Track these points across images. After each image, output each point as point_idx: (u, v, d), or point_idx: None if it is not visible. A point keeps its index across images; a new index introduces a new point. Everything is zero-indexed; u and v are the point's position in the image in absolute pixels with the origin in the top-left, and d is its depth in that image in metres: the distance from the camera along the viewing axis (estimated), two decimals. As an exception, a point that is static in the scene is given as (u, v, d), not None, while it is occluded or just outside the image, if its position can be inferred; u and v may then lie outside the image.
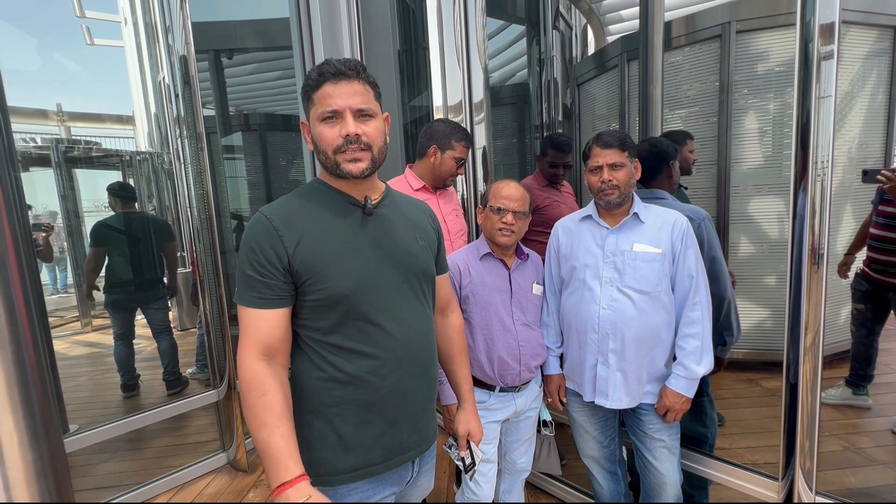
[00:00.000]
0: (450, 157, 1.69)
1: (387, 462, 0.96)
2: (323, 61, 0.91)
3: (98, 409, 2.34)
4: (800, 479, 1.39)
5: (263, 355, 0.89)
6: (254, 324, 0.88)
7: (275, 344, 0.90)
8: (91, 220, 2.51)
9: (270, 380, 0.87)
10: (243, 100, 3.58)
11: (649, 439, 1.47)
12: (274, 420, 0.84)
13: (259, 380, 0.86)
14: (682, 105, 1.99)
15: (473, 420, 1.22)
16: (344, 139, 0.89)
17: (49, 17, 2.53)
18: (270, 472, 0.83)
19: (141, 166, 2.75)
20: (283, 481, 0.81)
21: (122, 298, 2.52)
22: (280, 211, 0.92)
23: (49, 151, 2.52)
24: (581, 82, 2.56)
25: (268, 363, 0.89)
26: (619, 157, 1.37)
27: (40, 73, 2.56)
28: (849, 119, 1.59)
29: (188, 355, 2.68)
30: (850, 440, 1.67)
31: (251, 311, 0.89)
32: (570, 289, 1.51)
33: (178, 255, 2.68)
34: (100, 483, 2.22)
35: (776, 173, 1.84)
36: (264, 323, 0.88)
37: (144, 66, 2.50)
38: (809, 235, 1.28)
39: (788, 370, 1.40)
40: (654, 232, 1.39)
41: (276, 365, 0.90)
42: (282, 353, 0.92)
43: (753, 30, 1.82)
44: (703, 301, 1.38)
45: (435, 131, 1.71)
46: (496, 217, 1.43)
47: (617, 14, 2.45)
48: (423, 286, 1.03)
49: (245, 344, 0.89)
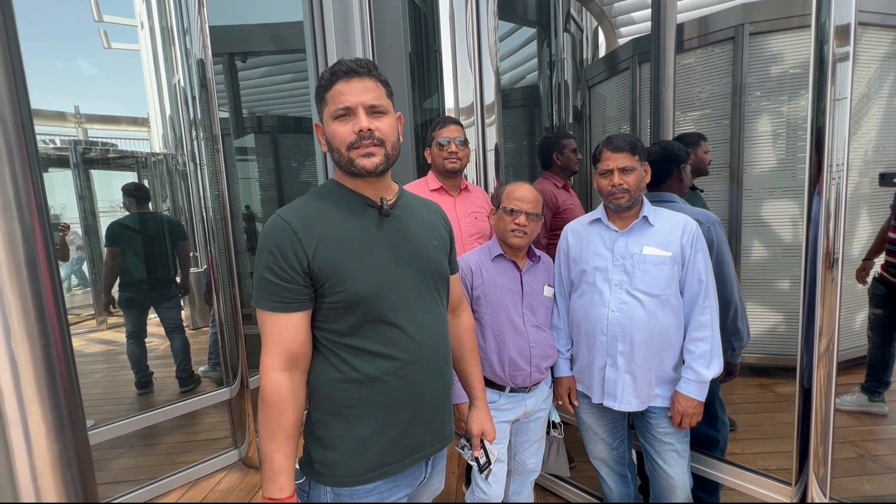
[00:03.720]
0: (434, 147, 1.78)
1: (403, 461, 0.97)
2: (335, 62, 0.92)
3: (113, 405, 2.39)
4: (813, 484, 1.37)
5: (287, 363, 0.89)
6: (277, 329, 0.89)
7: (298, 350, 0.90)
8: (106, 220, 2.57)
9: (290, 397, 0.89)
10: (256, 102, 3.64)
11: (658, 442, 1.46)
12: (283, 439, 0.88)
13: (280, 397, 0.88)
14: (694, 107, 1.98)
15: (486, 419, 1.22)
16: (357, 135, 0.89)
17: (68, 21, 2.59)
18: (265, 483, 0.89)
19: (156, 168, 2.80)
20: (274, 498, 0.88)
21: (135, 297, 2.57)
22: (297, 213, 0.91)
23: (67, 153, 2.58)
24: (592, 84, 2.56)
25: (290, 374, 0.90)
26: (629, 160, 1.37)
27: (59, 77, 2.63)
28: (865, 122, 1.57)
29: (200, 354, 2.72)
30: (866, 447, 1.64)
31: (272, 316, 0.88)
32: (579, 291, 1.51)
33: (191, 254, 2.73)
34: (115, 478, 2.26)
35: (790, 176, 1.82)
36: (286, 328, 0.88)
37: (160, 69, 2.55)
38: (824, 239, 1.27)
39: (802, 375, 1.39)
40: (664, 235, 1.39)
41: (298, 374, 0.92)
42: (304, 359, 0.93)
43: (767, 31, 1.81)
44: (713, 305, 1.37)
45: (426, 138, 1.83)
46: (509, 218, 1.44)
47: (628, 16, 2.44)
48: (438, 287, 1.03)
49: (269, 352, 0.89)
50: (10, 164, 0.80)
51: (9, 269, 0.80)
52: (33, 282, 0.77)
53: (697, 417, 1.39)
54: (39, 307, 0.78)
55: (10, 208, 0.80)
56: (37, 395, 0.78)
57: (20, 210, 0.81)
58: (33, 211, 0.79)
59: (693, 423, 1.40)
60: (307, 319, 0.92)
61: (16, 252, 0.80)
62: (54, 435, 0.80)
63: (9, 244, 0.80)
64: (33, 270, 0.77)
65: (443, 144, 1.74)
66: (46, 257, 0.79)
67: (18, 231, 0.81)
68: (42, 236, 0.80)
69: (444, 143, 1.74)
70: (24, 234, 0.81)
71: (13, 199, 0.80)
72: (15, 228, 0.81)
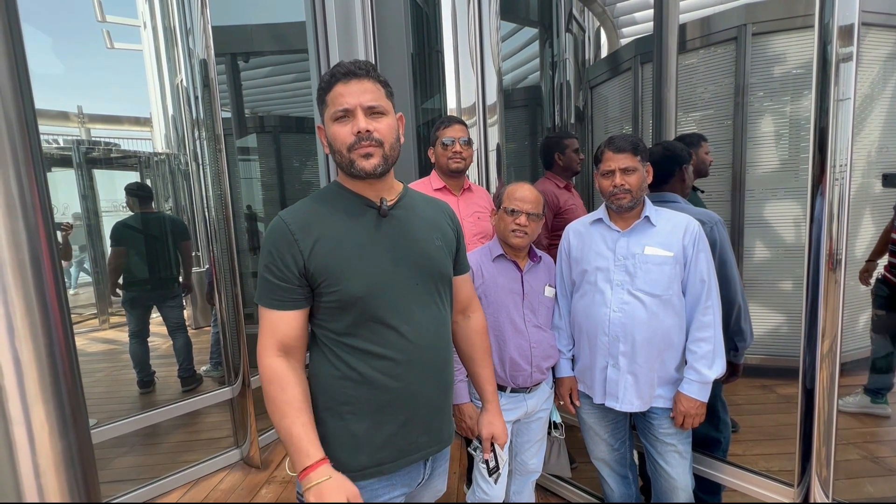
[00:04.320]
0: (438, 146, 1.78)
1: (397, 462, 0.97)
2: (335, 64, 0.93)
3: (115, 404, 2.40)
4: (816, 486, 1.37)
5: (281, 352, 0.93)
6: (272, 323, 0.92)
7: (291, 342, 0.93)
8: (108, 220, 2.57)
9: (289, 375, 0.91)
10: (258, 102, 3.65)
11: (660, 443, 1.46)
12: (294, 412, 0.88)
13: (278, 375, 0.90)
14: (696, 108, 1.97)
15: (497, 422, 1.20)
16: (356, 136, 0.90)
17: (72, 22, 2.60)
18: (294, 459, 0.88)
19: (158, 167, 2.81)
20: (305, 466, 0.86)
21: (138, 296, 2.58)
22: (297, 215, 0.94)
23: (70, 152, 2.59)
24: (594, 85, 2.56)
25: (285, 359, 0.93)
26: (631, 161, 1.37)
27: (63, 77, 2.63)
28: (868, 122, 1.57)
29: (202, 353, 2.73)
30: (869, 449, 1.64)
31: (269, 312, 0.93)
32: (580, 291, 1.51)
33: (193, 254, 2.73)
34: (117, 476, 2.27)
35: (793, 177, 1.82)
36: (281, 323, 0.92)
37: (162, 69, 2.56)
38: (827, 240, 1.26)
39: (805, 377, 1.39)
40: (666, 235, 1.39)
41: (293, 360, 0.94)
42: (298, 350, 0.95)
43: (770, 32, 1.80)
44: (715, 305, 1.37)
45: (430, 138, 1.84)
46: (509, 219, 1.44)
47: (630, 17, 2.44)
48: (438, 288, 1.03)
49: (263, 342, 0.93)
50: (14, 163, 0.80)
51: (13, 268, 0.81)
52: (37, 281, 0.78)
53: (700, 418, 1.39)
54: (43, 306, 0.79)
55: (15, 207, 0.81)
56: (40, 394, 0.79)
57: (24, 209, 0.82)
58: (37, 210, 0.79)
59: (695, 424, 1.40)
60: (302, 316, 0.94)
61: (20, 251, 0.81)
62: (57, 433, 0.81)
63: (13, 243, 0.80)
64: (37, 269, 0.78)
65: (447, 144, 1.74)
66: (50, 256, 0.79)
67: (22, 230, 0.82)
68: (46, 235, 0.81)
69: (448, 142, 1.74)
70: (28, 233, 0.82)
71: (17, 199, 0.81)
72: (19, 228, 0.81)
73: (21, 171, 0.81)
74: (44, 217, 0.81)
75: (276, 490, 2.29)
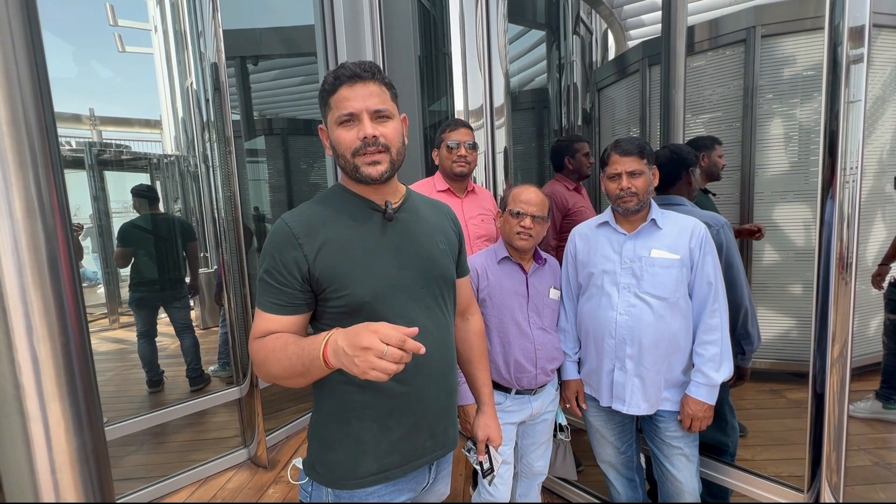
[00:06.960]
0: (443, 149, 1.78)
1: (403, 467, 0.96)
2: (339, 65, 0.91)
3: (124, 403, 2.42)
4: (826, 491, 1.36)
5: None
6: (265, 322, 0.90)
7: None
8: (118, 220, 2.61)
9: (276, 335, 0.88)
10: (267, 105, 3.68)
11: (667, 446, 1.45)
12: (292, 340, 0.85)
13: (264, 340, 0.88)
14: (704, 110, 1.97)
15: (493, 424, 1.20)
16: (362, 141, 0.88)
17: (84, 26, 2.64)
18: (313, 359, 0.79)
19: (168, 169, 2.84)
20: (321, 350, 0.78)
21: (146, 297, 2.60)
22: (301, 218, 0.92)
23: (83, 154, 2.63)
24: (601, 87, 2.56)
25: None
26: (637, 164, 1.37)
27: (75, 80, 2.68)
28: (880, 124, 1.55)
29: (211, 353, 2.76)
30: (880, 455, 1.61)
31: (266, 315, 0.90)
32: (587, 294, 1.51)
33: (201, 255, 2.76)
34: (126, 475, 2.29)
35: (802, 179, 1.80)
36: (277, 326, 0.90)
37: (173, 72, 2.59)
38: (837, 243, 1.25)
39: (815, 381, 1.37)
40: (672, 238, 1.38)
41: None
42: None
43: (779, 34, 1.79)
44: (722, 308, 1.37)
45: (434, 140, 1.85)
46: (514, 221, 1.44)
47: (638, 19, 2.44)
48: (443, 292, 1.02)
49: (252, 335, 0.92)
50: (33, 166, 0.82)
51: (32, 269, 0.82)
52: (55, 281, 0.79)
53: (707, 421, 1.38)
54: (60, 306, 0.80)
55: (34, 209, 0.83)
56: (56, 392, 0.81)
57: (42, 211, 0.83)
58: (55, 212, 0.81)
59: (703, 427, 1.39)
60: (300, 322, 0.92)
61: (38, 252, 0.83)
62: (73, 430, 0.82)
63: (32, 245, 0.82)
64: (55, 270, 0.79)
65: (452, 147, 1.74)
66: (67, 257, 0.81)
67: (41, 232, 0.83)
68: (63, 237, 0.82)
69: (453, 146, 1.74)
70: (46, 234, 0.83)
71: (36, 201, 0.83)
72: (38, 229, 0.83)
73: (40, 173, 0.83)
74: (62, 219, 0.82)
75: (284, 490, 2.30)
